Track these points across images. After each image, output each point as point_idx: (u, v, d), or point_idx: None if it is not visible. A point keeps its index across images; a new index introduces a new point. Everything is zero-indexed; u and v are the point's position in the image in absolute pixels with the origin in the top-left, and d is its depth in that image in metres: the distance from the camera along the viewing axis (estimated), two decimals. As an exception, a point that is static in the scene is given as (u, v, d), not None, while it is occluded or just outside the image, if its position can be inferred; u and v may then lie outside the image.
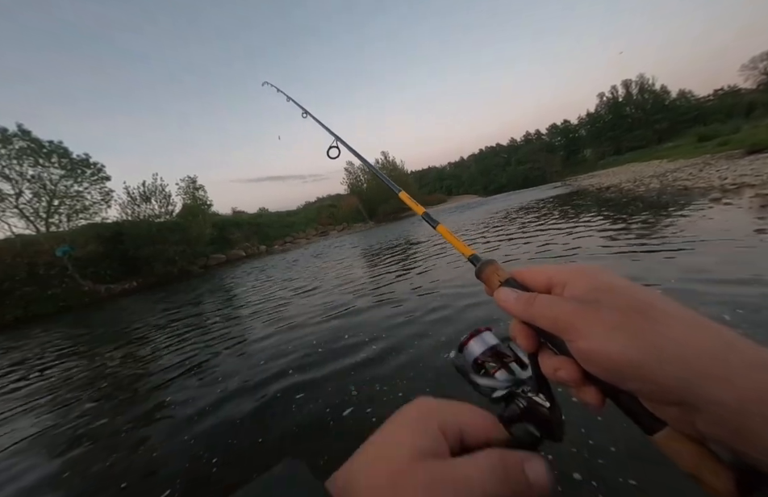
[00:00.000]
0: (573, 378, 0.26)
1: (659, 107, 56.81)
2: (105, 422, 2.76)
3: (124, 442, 2.38)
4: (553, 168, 68.18)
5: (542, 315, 0.27)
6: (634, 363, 0.22)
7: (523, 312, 0.28)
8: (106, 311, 12.03)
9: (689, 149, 28.47)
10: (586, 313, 0.25)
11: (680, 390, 0.21)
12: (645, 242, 4.58)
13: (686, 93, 58.30)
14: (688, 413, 0.21)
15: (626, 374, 0.23)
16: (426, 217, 0.49)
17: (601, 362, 0.24)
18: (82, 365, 4.82)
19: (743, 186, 7.21)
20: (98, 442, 2.47)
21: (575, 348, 0.25)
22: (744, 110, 42.67)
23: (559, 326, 0.26)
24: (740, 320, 2.18)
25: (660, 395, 0.22)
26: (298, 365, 3.01)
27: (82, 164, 23.90)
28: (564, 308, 0.26)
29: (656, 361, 0.21)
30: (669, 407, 0.22)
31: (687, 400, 0.21)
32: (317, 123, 1.01)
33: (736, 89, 53.91)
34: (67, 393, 3.71)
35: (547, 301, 0.27)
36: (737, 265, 3.09)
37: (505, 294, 0.30)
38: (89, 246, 20.27)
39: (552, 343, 0.28)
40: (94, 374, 4.24)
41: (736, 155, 16.55)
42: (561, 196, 16.98)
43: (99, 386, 3.71)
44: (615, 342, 0.23)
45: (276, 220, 34.75)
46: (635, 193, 11.03)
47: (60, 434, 2.71)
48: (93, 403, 3.27)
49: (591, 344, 0.24)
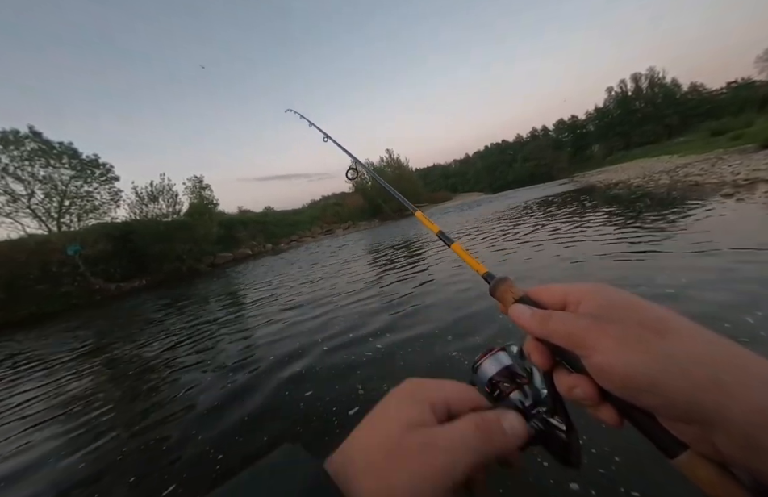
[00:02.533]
0: (589, 396, 0.26)
1: (670, 101, 55.62)
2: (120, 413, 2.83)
3: (135, 437, 2.43)
4: (559, 164, 67.39)
5: (557, 331, 0.27)
6: (647, 377, 0.22)
7: (539, 328, 0.29)
8: (116, 307, 12.26)
9: (701, 144, 27.84)
10: (601, 328, 0.25)
11: (693, 403, 0.21)
12: (651, 240, 4.51)
13: (697, 87, 56.93)
14: (707, 432, 0.21)
15: (640, 389, 0.23)
16: (441, 235, 0.51)
17: (615, 377, 0.24)
18: (107, 361, 4.93)
19: (756, 182, 7.04)
20: (113, 434, 2.53)
21: (590, 364, 0.25)
22: (758, 103, 41.46)
23: (574, 341, 0.26)
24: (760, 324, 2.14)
25: (674, 411, 0.22)
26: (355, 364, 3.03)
27: (92, 165, 24.36)
28: (579, 323, 0.26)
29: (668, 375, 0.22)
30: (687, 425, 0.22)
31: (702, 415, 0.21)
32: (337, 147, 1.07)
33: (750, 82, 52.36)
34: (101, 388, 3.80)
35: (562, 317, 0.28)
36: (738, 256, 3.03)
37: (520, 311, 0.31)
38: (99, 245, 20.67)
39: (567, 360, 0.28)
40: (118, 372, 4.33)
41: (749, 150, 16.17)
42: (569, 193, 16.77)
43: (122, 383, 3.79)
44: (628, 356, 0.23)
45: (281, 219, 34.98)
46: (644, 189, 10.85)
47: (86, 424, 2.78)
48: (119, 397, 3.34)
49: (606, 359, 0.24)
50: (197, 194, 27.51)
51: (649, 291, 2.88)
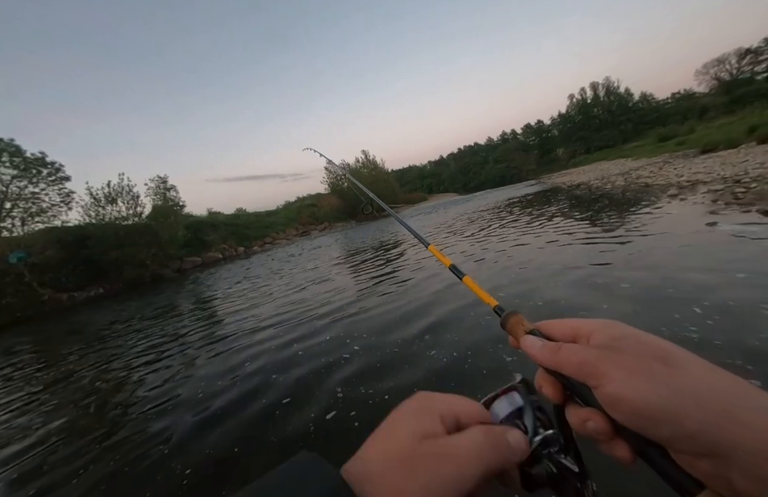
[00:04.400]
0: (602, 430, 0.26)
1: (624, 109, 60.15)
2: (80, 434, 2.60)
3: (99, 457, 2.26)
4: (528, 166, 70.65)
5: (569, 361, 0.28)
6: (660, 407, 0.23)
7: (550, 360, 0.29)
8: (66, 320, 11.24)
9: (650, 149, 30.37)
10: (612, 358, 0.25)
11: (707, 434, 0.21)
12: (611, 235, 4.87)
13: (647, 96, 62.07)
14: (721, 465, 0.21)
15: (650, 419, 0.23)
16: (453, 269, 0.52)
17: (627, 407, 0.24)
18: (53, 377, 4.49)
19: (697, 183, 7.81)
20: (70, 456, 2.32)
21: (602, 394, 0.25)
22: (698, 112, 46.04)
23: (585, 371, 0.26)
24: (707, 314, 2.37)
25: (688, 443, 0.22)
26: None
27: (37, 164, 22.19)
28: (589, 354, 0.27)
29: (681, 406, 0.22)
30: (700, 460, 0.22)
31: (716, 446, 0.21)
32: (355, 183, 1.17)
33: (691, 93, 58.07)
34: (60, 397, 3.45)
35: (573, 347, 0.28)
36: (686, 256, 3.37)
37: (531, 342, 0.31)
38: (48, 251, 18.85)
39: (578, 393, 0.28)
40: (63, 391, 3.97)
41: (691, 154, 17.88)
42: (537, 193, 17.65)
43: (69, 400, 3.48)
44: (641, 386, 0.24)
45: (255, 221, 33.79)
46: (602, 190, 11.67)
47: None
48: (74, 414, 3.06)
49: (618, 388, 0.24)
50: (161, 196, 25.90)
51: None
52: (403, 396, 0.30)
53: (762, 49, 44.88)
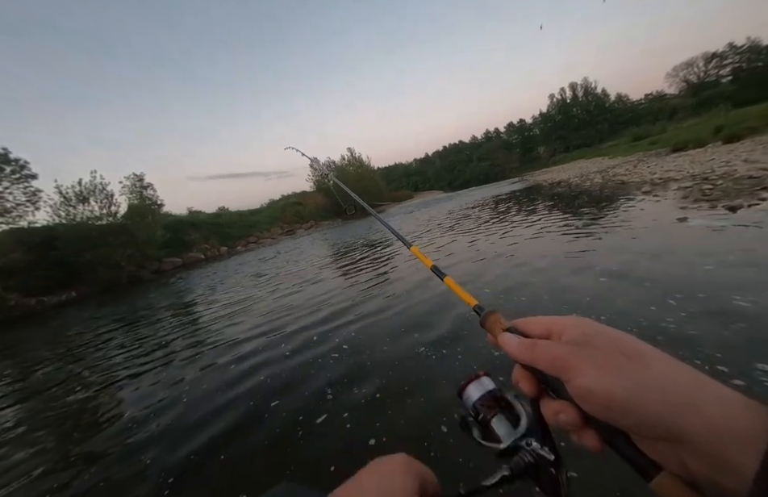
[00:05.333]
0: (573, 421, 0.28)
1: (601, 109, 62.42)
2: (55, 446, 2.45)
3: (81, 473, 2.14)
4: (511, 164, 72.17)
5: (542, 357, 0.30)
6: (622, 398, 0.25)
7: (526, 355, 0.31)
8: (34, 327, 10.62)
9: (626, 147, 31.66)
10: (582, 354, 0.28)
11: (661, 422, 0.24)
12: (590, 230, 5.05)
13: (622, 97, 64.64)
14: (677, 449, 0.24)
15: (616, 410, 0.25)
16: (434, 269, 0.53)
17: (596, 399, 0.26)
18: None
19: (669, 180, 8.21)
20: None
21: (572, 387, 0.27)
22: (668, 113, 48.38)
23: (557, 365, 0.29)
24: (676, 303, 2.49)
25: (646, 429, 0.25)
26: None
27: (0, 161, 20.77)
28: (562, 350, 0.29)
29: (644, 397, 0.24)
30: (657, 442, 0.25)
31: (673, 432, 0.23)
32: (339, 184, 1.22)
33: (662, 95, 60.95)
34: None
35: (547, 344, 0.30)
36: (661, 249, 3.54)
37: (509, 339, 0.33)
38: (14, 254, 17.73)
39: (551, 387, 0.30)
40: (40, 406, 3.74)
41: (663, 152, 18.76)
42: (520, 191, 18.06)
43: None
44: (608, 380, 0.26)
45: (237, 220, 32.96)
46: (581, 187, 12.08)
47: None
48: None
49: (587, 382, 0.26)
50: (137, 194, 24.86)
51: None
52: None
53: (727, 54, 47.69)
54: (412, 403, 2.02)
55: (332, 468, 1.66)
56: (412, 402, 2.02)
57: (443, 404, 1.92)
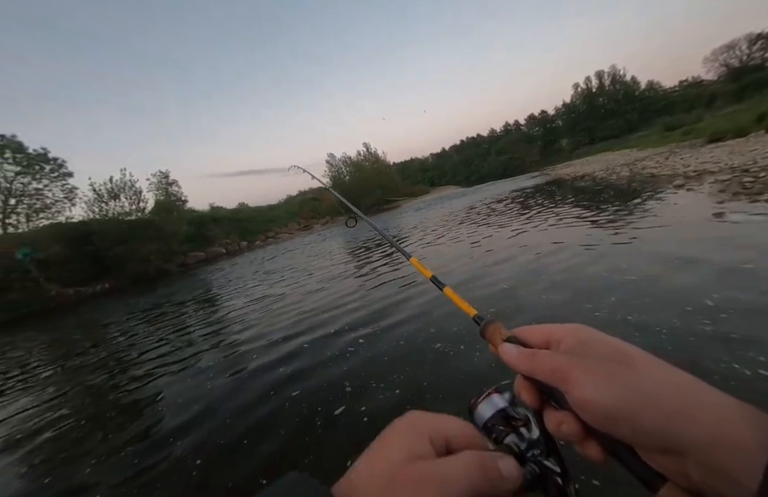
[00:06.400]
0: (575, 433, 0.28)
1: (630, 98, 59.02)
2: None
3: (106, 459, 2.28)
4: (531, 158, 69.81)
5: (542, 368, 0.29)
6: (614, 406, 0.24)
7: (525, 366, 0.31)
8: (73, 316, 11.39)
9: (657, 138, 29.86)
10: (578, 363, 0.27)
11: (663, 431, 0.23)
12: (614, 227, 4.81)
13: (654, 85, 60.79)
14: (680, 461, 0.23)
15: (609, 418, 0.25)
16: (434, 280, 0.53)
17: (592, 409, 0.26)
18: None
19: (704, 173, 7.68)
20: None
21: (571, 397, 0.27)
22: (705, 100, 45.08)
23: (556, 376, 0.28)
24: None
25: (647, 440, 0.24)
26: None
27: (40, 160, 22.32)
28: (560, 360, 0.29)
29: (638, 406, 0.24)
30: (659, 455, 0.24)
31: (672, 443, 0.23)
32: (340, 198, 1.25)
33: (699, 81, 56.82)
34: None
35: (546, 354, 0.30)
36: (695, 247, 3.32)
37: (508, 349, 0.33)
38: (55, 247, 19.02)
39: (553, 397, 0.29)
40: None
41: (698, 143, 17.56)
42: (540, 186, 17.48)
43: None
44: (602, 389, 0.25)
45: (256, 215, 33.88)
46: (607, 181, 11.53)
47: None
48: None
49: (584, 392, 0.26)
50: (163, 191, 26.03)
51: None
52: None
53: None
54: (430, 397, 2.02)
55: (348, 462, 1.68)
56: (431, 396, 2.02)
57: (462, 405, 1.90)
